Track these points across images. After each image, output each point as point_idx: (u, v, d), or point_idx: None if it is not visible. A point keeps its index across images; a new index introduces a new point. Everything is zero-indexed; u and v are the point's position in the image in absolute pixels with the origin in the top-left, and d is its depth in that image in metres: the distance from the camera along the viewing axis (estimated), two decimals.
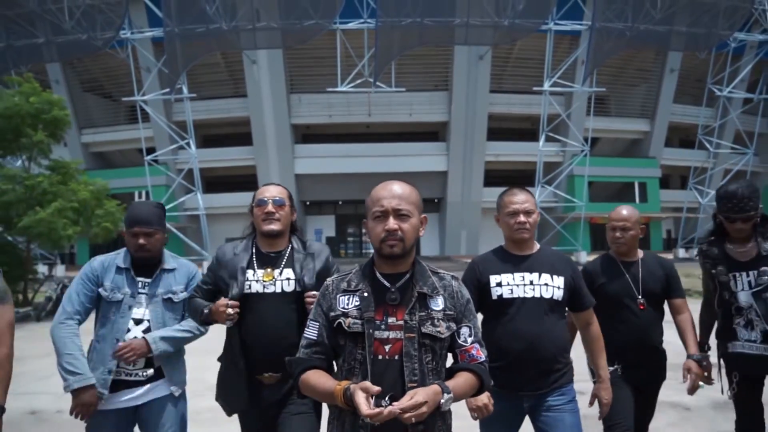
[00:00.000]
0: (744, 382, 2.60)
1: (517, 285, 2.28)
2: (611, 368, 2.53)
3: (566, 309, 2.38)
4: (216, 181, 28.73)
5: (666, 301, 2.77)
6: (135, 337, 2.37)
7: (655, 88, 29.18)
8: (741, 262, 2.62)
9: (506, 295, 2.27)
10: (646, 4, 23.11)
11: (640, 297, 2.67)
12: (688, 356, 2.65)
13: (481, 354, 1.63)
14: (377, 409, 1.34)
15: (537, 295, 2.26)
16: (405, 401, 1.36)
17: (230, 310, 2.11)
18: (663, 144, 29.78)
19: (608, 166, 29.33)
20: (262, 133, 27.14)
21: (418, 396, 1.38)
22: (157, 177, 26.33)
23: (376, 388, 1.39)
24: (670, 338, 2.73)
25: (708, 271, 2.71)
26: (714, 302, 2.69)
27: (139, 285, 2.45)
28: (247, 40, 21.55)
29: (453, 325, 1.60)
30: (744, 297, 2.58)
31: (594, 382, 2.44)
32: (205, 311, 2.19)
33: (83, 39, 20.88)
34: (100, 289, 2.41)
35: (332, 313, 1.59)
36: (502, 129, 28.42)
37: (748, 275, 2.59)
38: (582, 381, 2.58)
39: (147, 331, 2.40)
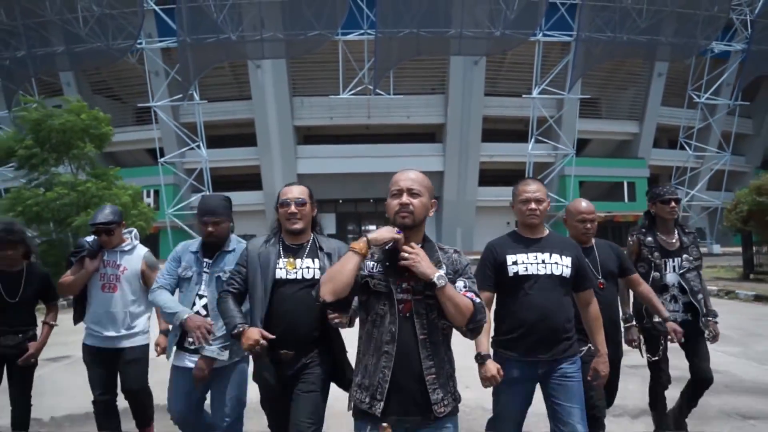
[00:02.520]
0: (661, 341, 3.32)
1: (531, 263, 2.55)
2: (584, 348, 2.79)
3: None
4: (221, 181, 30.36)
5: (622, 279, 3.22)
6: (198, 312, 2.77)
7: (643, 91, 30.90)
8: (669, 251, 3.39)
9: (521, 272, 2.54)
10: (632, 13, 24.99)
11: (599, 277, 3.03)
12: (664, 319, 3.11)
13: (475, 298, 1.89)
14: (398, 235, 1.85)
15: (548, 272, 2.53)
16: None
17: (261, 343, 2.27)
18: (651, 145, 31.57)
19: (599, 166, 31.17)
20: (266, 134, 28.87)
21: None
22: (165, 176, 28.11)
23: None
24: None
25: (645, 256, 3.40)
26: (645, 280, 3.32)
27: (204, 265, 2.84)
28: (254, 50, 23.35)
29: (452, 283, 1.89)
30: (670, 277, 3.36)
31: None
32: (237, 330, 2.32)
33: (100, 48, 22.65)
34: (178, 268, 2.87)
35: (360, 272, 1.89)
36: (496, 131, 30.04)
37: (673, 261, 3.38)
38: None
39: (206, 306, 2.80)
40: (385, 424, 1.83)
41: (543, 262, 2.54)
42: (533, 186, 2.64)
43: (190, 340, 2.69)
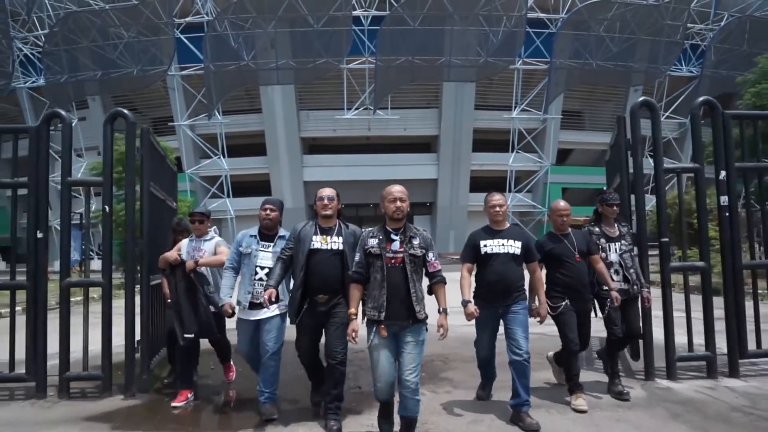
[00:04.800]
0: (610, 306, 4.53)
1: (495, 246, 4.08)
2: (562, 303, 4.31)
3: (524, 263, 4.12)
4: (233, 187, 34.21)
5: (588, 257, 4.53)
6: (261, 279, 4.11)
7: (622, 104, 34.95)
8: (611, 237, 4.75)
9: (489, 251, 4.09)
10: (606, 39, 29.11)
11: (576, 254, 4.42)
12: (610, 288, 4.38)
13: (438, 266, 3.57)
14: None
15: (506, 251, 4.06)
16: (444, 329, 3.38)
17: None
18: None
19: (581, 174, 35.00)
20: (275, 144, 32.68)
21: (445, 323, 3.35)
22: (181, 183, 32.06)
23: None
24: None
25: (594, 242, 4.65)
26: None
27: (261, 246, 4.22)
28: (267, 77, 27.48)
29: (423, 251, 3.51)
30: (613, 257, 4.68)
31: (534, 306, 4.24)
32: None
33: (134, 75, 26.73)
34: (240, 248, 4.26)
35: (366, 247, 3.56)
36: (485, 141, 33.64)
37: (615, 244, 4.72)
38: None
39: (269, 273, 4.07)
40: (382, 326, 3.42)
41: (503, 245, 4.08)
42: (497, 196, 4.22)
43: (258, 300, 4.07)
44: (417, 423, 3.64)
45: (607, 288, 4.44)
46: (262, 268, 4.17)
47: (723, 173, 5.28)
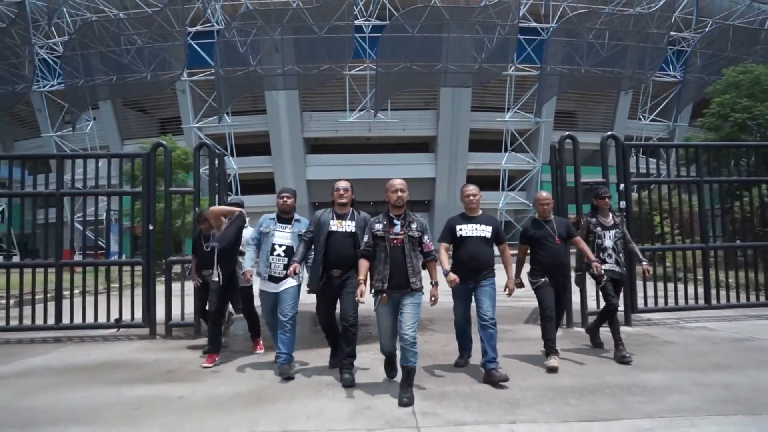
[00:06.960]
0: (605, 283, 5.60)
1: (469, 230, 4.92)
2: (541, 279, 5.33)
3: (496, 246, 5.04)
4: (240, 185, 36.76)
5: (570, 240, 5.55)
6: (279, 255, 5.13)
7: (613, 106, 37.48)
8: (607, 226, 5.82)
9: (464, 234, 4.93)
10: (596, 46, 31.59)
11: (556, 237, 5.38)
12: (591, 261, 5.40)
13: (431, 246, 4.48)
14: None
15: (478, 234, 4.91)
16: (435, 297, 4.29)
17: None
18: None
19: (573, 173, 37.53)
20: (279, 144, 35.21)
21: (436, 293, 4.25)
22: (191, 182, 34.45)
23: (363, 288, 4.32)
24: None
25: (592, 230, 5.77)
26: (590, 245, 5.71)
27: (279, 227, 5.22)
28: (273, 83, 29.94)
29: (420, 233, 4.39)
30: (608, 243, 5.77)
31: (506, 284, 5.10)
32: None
33: (147, 79, 29.17)
34: (261, 228, 5.27)
35: (373, 230, 4.45)
36: (481, 141, 36.26)
37: (609, 232, 5.80)
38: None
39: (287, 250, 5.11)
40: (384, 294, 4.31)
41: (476, 229, 4.98)
42: (471, 187, 5.13)
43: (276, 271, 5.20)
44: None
45: (590, 263, 5.46)
46: (280, 245, 5.21)
47: (622, 185, 7.77)
